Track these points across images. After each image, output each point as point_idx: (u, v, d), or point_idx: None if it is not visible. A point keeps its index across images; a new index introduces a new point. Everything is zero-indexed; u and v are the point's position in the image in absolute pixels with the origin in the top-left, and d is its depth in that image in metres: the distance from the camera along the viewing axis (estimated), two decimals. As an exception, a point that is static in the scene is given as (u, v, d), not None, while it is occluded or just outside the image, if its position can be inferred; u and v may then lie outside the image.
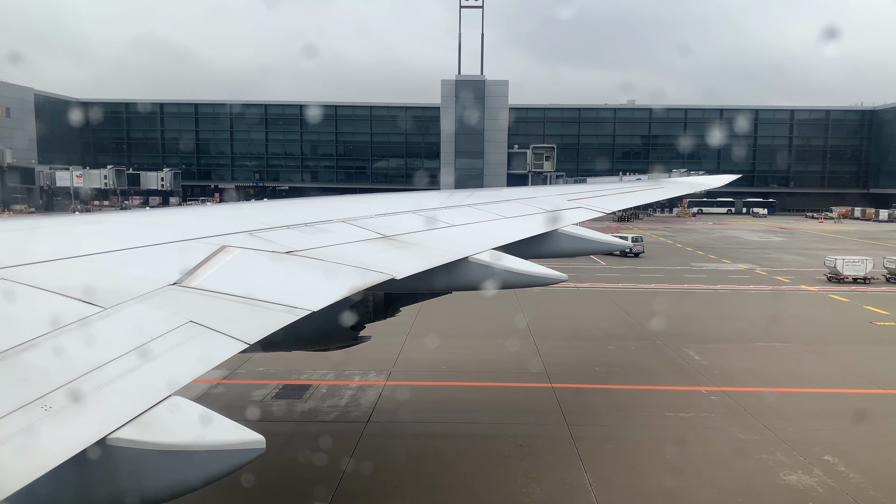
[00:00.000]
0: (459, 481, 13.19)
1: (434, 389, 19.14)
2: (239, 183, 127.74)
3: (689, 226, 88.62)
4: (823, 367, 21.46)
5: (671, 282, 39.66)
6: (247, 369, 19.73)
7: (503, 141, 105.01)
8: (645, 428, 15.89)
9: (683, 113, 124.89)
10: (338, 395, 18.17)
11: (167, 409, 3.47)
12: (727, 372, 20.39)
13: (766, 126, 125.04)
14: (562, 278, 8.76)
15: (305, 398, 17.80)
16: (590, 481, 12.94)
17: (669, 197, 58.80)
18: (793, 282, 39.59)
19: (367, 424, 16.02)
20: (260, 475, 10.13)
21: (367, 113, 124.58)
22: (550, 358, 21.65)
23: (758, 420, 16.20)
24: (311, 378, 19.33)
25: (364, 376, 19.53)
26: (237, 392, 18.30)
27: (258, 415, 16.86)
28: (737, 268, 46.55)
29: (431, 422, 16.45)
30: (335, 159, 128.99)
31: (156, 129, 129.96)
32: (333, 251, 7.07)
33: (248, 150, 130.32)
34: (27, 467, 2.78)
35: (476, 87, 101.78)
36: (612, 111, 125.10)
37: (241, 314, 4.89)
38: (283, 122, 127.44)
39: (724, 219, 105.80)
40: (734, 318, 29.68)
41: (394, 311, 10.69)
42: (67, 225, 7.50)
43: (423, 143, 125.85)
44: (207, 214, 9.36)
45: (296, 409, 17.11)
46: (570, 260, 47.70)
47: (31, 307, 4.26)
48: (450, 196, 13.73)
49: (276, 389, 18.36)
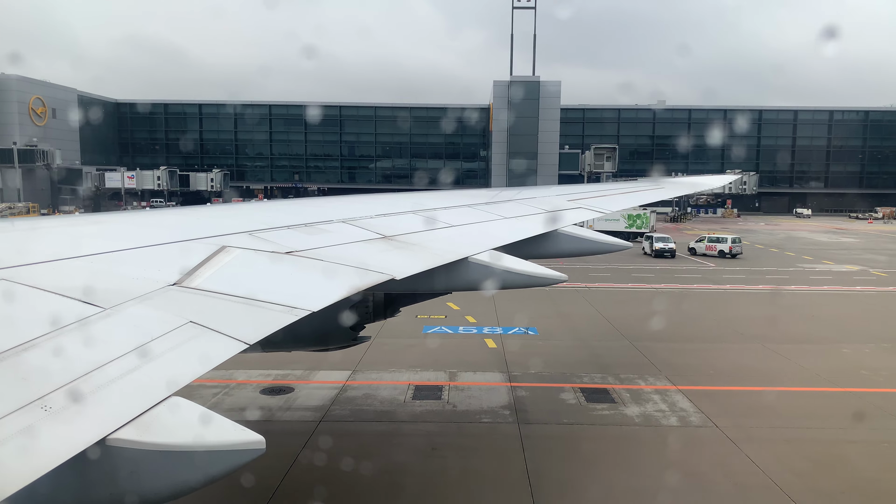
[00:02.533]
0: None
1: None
2: (277, 184, 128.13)
3: (744, 226, 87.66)
4: None
5: (801, 283, 39.48)
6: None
7: (555, 141, 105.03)
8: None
9: (723, 113, 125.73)
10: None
11: (167, 410, 3.47)
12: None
13: (805, 127, 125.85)
14: (561, 278, 8.74)
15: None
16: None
17: (669, 197, 58.76)
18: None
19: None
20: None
21: (408, 114, 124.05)
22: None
23: None
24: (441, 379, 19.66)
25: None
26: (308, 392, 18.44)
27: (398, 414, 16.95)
28: (846, 269, 46.08)
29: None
30: (374, 160, 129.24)
31: (194, 130, 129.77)
32: (333, 251, 7.07)
33: (286, 151, 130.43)
34: (27, 468, 2.78)
35: (531, 87, 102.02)
36: (651, 112, 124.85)
37: (240, 314, 4.89)
38: (320, 124, 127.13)
39: (767, 219, 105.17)
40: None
41: (393, 312, 10.69)
42: (68, 225, 7.50)
43: (462, 143, 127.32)
44: (207, 215, 9.36)
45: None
46: (680, 261, 49.65)
47: (31, 307, 4.26)
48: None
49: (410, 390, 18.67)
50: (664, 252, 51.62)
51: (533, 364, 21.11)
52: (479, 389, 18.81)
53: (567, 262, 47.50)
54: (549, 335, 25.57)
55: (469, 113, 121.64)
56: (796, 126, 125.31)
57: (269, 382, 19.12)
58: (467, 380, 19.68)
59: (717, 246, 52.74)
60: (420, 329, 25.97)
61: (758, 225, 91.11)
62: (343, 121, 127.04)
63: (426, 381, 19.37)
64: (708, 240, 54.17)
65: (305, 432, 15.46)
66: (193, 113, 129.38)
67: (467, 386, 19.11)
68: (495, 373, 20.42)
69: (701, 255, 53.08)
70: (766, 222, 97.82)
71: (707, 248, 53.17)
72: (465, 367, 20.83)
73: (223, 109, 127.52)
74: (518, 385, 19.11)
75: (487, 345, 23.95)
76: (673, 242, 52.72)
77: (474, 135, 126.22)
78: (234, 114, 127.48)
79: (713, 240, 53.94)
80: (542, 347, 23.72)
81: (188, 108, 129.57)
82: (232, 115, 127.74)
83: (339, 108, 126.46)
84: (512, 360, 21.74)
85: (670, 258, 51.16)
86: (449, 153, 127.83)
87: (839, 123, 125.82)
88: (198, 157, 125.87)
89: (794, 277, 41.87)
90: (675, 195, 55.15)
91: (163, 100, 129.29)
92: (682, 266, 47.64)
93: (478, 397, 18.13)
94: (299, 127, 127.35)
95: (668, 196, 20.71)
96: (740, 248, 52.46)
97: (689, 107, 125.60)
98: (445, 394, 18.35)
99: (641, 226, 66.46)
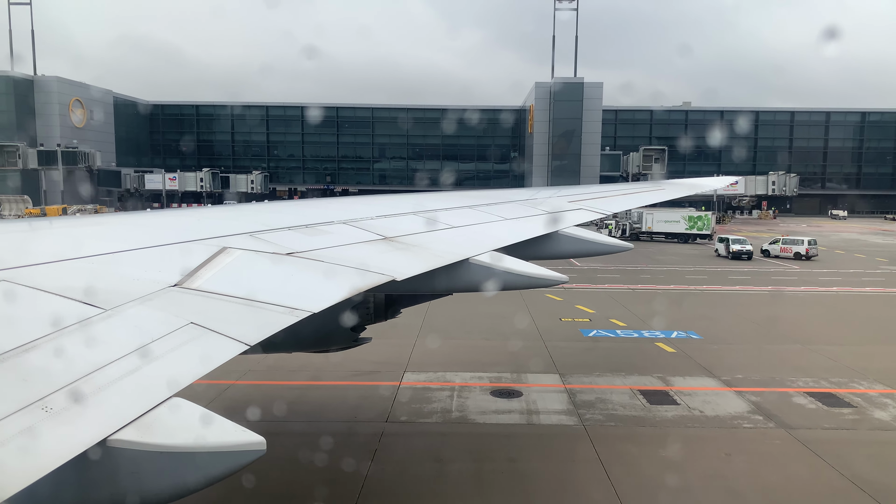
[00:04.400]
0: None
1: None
2: (309, 186, 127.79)
3: (786, 227, 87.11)
4: None
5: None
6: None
7: (596, 143, 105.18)
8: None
9: (755, 115, 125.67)
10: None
11: (168, 411, 3.47)
12: None
13: (837, 128, 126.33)
14: (562, 279, 8.74)
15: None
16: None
17: (669, 199, 58.54)
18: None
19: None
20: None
21: (439, 116, 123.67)
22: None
23: None
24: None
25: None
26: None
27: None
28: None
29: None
30: (405, 161, 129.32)
31: (226, 132, 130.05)
32: (334, 252, 7.07)
33: (318, 152, 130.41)
34: (28, 468, 2.78)
35: (574, 88, 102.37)
36: (683, 113, 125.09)
37: (241, 315, 4.89)
38: (351, 125, 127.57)
39: (805, 220, 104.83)
40: None
41: (394, 313, 10.69)
42: (69, 226, 7.50)
43: (493, 145, 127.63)
44: (208, 216, 9.37)
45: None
46: (760, 263, 49.98)
47: (32, 308, 4.26)
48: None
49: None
50: (741, 254, 51.69)
51: (734, 368, 20.96)
52: (707, 394, 18.60)
53: (650, 264, 48.99)
54: (713, 339, 25.10)
55: (500, 114, 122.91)
56: (828, 128, 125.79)
57: (490, 385, 19.09)
58: (686, 385, 19.40)
59: (793, 248, 52.81)
60: (576, 331, 26.01)
61: (799, 226, 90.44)
62: (374, 123, 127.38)
63: (646, 387, 19.12)
64: (783, 241, 54.23)
65: (585, 436, 15.52)
66: (225, 115, 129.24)
67: (693, 391, 18.83)
68: (707, 378, 20.13)
69: (775, 256, 53.18)
70: (808, 224, 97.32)
71: (782, 250, 53.26)
72: (671, 372, 20.57)
73: (254, 111, 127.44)
74: (743, 390, 18.86)
75: (664, 349, 23.61)
76: (750, 244, 52.80)
77: (506, 136, 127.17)
78: (265, 116, 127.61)
79: (788, 241, 54.02)
80: (722, 352, 23.29)
81: (219, 109, 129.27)
82: (263, 118, 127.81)
83: (371, 109, 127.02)
84: (707, 363, 21.49)
85: (747, 260, 51.22)
86: (480, 155, 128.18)
87: (872, 125, 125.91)
88: (229, 159, 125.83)
89: (892, 280, 41.68)
90: (675, 196, 55.03)
91: (194, 101, 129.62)
92: (767, 268, 47.71)
93: (713, 403, 17.88)
94: (331, 129, 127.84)
95: (668, 197, 20.69)
96: (816, 251, 52.46)
97: (721, 108, 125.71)
98: (678, 399, 18.18)
99: (702, 227, 66.54)
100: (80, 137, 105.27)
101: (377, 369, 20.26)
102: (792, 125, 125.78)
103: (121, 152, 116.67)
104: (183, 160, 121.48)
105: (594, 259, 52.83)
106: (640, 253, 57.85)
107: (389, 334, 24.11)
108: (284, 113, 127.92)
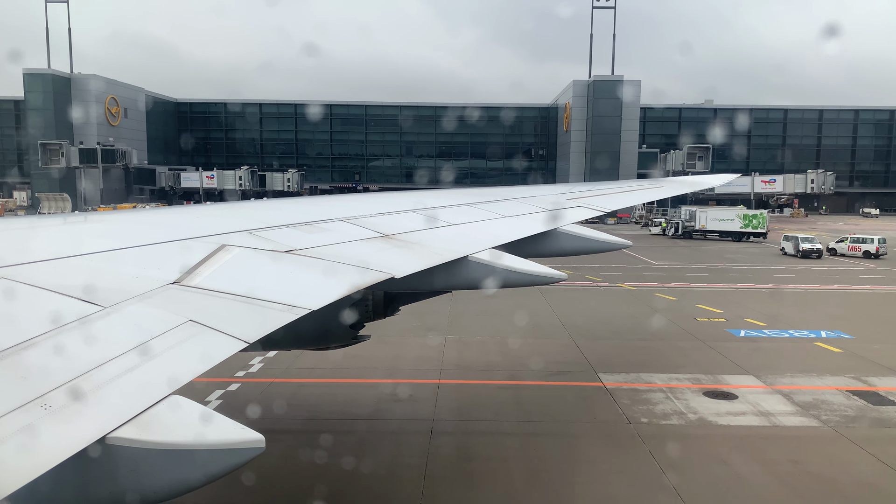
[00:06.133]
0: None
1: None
2: (337, 184, 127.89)
3: (823, 225, 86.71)
4: None
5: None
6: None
7: (634, 141, 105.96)
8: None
9: (783, 113, 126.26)
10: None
11: (167, 408, 3.47)
12: None
13: (866, 126, 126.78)
14: (561, 277, 8.74)
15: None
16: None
17: (669, 196, 58.70)
18: None
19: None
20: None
21: (466, 114, 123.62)
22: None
23: None
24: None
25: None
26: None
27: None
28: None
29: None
30: (433, 160, 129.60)
31: (254, 130, 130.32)
32: (333, 250, 7.07)
33: (346, 151, 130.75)
34: (27, 466, 2.78)
35: (613, 86, 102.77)
36: (712, 111, 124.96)
37: (240, 313, 4.89)
38: (377, 123, 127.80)
39: (840, 219, 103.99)
40: None
41: (393, 310, 10.68)
42: (68, 224, 7.50)
43: (521, 143, 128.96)
44: (207, 213, 9.36)
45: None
46: (830, 262, 49.66)
47: (31, 306, 4.26)
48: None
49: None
50: (811, 252, 51.79)
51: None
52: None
53: (726, 263, 48.65)
54: (867, 338, 24.68)
55: (526, 112, 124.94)
56: (857, 126, 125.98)
57: (694, 387, 18.95)
58: (890, 385, 19.02)
59: (862, 246, 52.90)
60: (722, 331, 25.83)
61: (837, 224, 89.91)
62: (402, 121, 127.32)
63: (851, 387, 18.85)
64: (851, 240, 54.31)
65: (840, 438, 15.38)
66: (253, 112, 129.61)
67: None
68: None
69: (842, 255, 53.19)
70: (844, 221, 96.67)
71: (850, 249, 53.38)
72: (862, 372, 20.22)
73: (283, 109, 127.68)
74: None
75: (828, 349, 23.39)
76: (819, 243, 52.88)
77: (533, 134, 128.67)
78: (293, 114, 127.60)
79: (856, 240, 54.08)
80: (891, 351, 22.87)
81: (248, 107, 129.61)
82: (292, 116, 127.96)
83: (399, 108, 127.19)
84: (891, 363, 21.18)
85: (817, 258, 51.25)
86: (508, 153, 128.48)
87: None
88: (257, 158, 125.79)
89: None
90: (675, 194, 55.18)
91: (222, 99, 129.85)
92: (845, 266, 47.46)
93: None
94: (360, 127, 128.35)
95: (668, 195, 20.74)
96: (885, 249, 52.50)
97: (748, 106, 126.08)
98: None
99: (757, 226, 66.65)
100: (115, 135, 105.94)
101: (567, 369, 20.63)
102: (820, 123, 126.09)
103: (151, 150, 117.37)
104: (208, 158, 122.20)
105: (675, 256, 53.43)
106: (705, 251, 58.39)
107: (535, 334, 25.02)
108: (312, 111, 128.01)
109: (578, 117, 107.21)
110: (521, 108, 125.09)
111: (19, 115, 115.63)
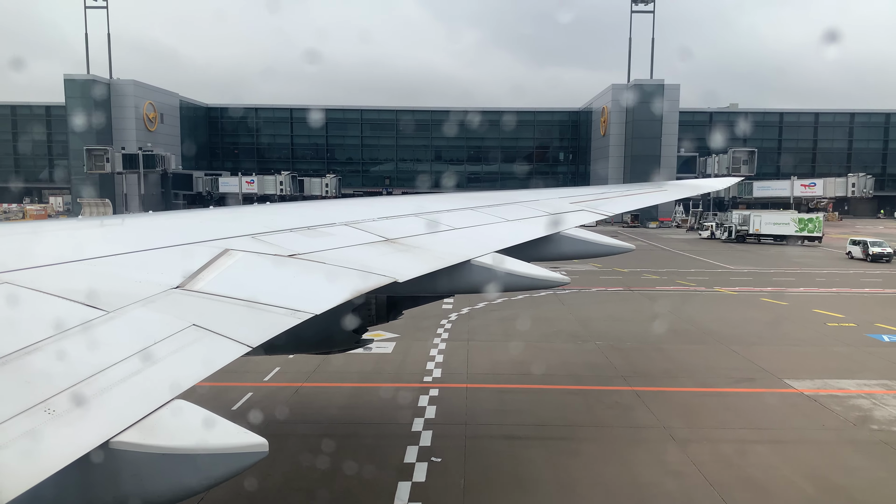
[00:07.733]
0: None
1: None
2: (368, 188, 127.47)
3: (862, 229, 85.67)
4: None
5: None
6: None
7: (673, 145, 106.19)
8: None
9: (814, 117, 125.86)
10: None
11: (170, 413, 3.47)
12: None
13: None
14: (564, 281, 8.73)
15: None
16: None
17: (671, 200, 58.51)
18: None
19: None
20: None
21: (497, 118, 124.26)
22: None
23: None
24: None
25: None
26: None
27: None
28: None
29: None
30: (464, 165, 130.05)
31: (285, 135, 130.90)
32: (336, 254, 7.07)
33: (376, 155, 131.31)
34: (31, 470, 2.79)
35: (654, 91, 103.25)
36: (743, 114, 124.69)
37: (243, 317, 4.90)
38: (408, 127, 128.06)
39: (868, 222, 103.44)
40: None
41: (396, 314, 10.68)
42: (71, 229, 7.52)
43: (552, 147, 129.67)
44: (210, 217, 9.38)
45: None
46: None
47: (34, 311, 4.27)
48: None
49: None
50: (882, 256, 51.33)
51: None
52: None
53: (801, 267, 47.52)
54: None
55: (556, 116, 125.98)
56: (888, 129, 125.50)
57: (881, 393, 18.67)
58: None
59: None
60: (862, 336, 25.34)
61: (876, 227, 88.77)
62: (432, 125, 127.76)
63: None
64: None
65: None
66: (284, 118, 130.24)
67: None
68: None
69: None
70: (885, 225, 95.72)
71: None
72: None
73: (314, 114, 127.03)
74: None
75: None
76: (889, 247, 52.32)
77: (564, 138, 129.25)
78: (324, 119, 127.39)
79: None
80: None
81: (279, 112, 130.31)
82: (322, 121, 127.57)
83: (430, 112, 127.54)
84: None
85: (887, 262, 50.65)
86: (539, 156, 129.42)
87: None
88: (288, 162, 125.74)
89: None
90: (678, 197, 55.00)
91: (253, 104, 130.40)
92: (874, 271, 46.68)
93: None
94: (390, 132, 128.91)
95: (670, 198, 20.57)
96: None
97: (781, 110, 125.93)
98: None
99: (813, 230, 65.93)
100: (152, 141, 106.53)
101: (750, 376, 20.29)
102: (852, 126, 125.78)
103: (185, 155, 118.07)
104: (237, 163, 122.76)
105: (744, 261, 52.57)
106: (768, 255, 57.39)
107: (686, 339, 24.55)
108: (343, 116, 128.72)
109: (616, 121, 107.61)
110: (551, 111, 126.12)
111: (50, 120, 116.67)
